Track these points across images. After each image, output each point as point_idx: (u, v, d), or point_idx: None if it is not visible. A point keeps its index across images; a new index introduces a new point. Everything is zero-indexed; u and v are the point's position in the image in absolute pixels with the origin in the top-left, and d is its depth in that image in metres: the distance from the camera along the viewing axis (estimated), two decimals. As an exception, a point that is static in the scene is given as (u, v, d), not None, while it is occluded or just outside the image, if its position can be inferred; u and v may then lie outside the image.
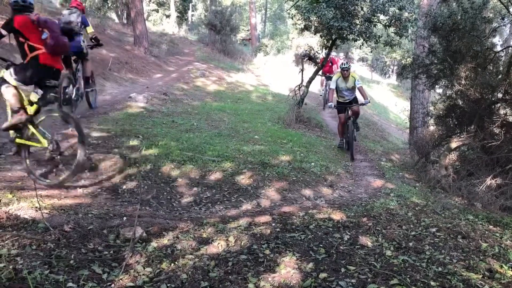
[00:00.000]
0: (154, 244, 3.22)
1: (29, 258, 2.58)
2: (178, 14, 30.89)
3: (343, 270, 2.93)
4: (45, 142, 4.85)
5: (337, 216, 4.34)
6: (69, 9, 7.56)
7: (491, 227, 4.37)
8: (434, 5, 9.51)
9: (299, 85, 12.53)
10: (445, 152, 7.32)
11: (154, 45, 17.02)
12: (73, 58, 7.60)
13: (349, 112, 8.85)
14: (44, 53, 4.92)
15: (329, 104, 9.09)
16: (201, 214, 4.55)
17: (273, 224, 3.97)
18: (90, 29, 7.84)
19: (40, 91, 4.96)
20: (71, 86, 7.13)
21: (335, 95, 9.30)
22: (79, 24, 7.38)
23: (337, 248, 3.34)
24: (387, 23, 10.76)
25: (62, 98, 6.52)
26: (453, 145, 7.21)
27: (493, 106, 6.89)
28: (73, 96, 7.16)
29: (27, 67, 4.91)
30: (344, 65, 8.97)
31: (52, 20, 5.27)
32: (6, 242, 2.73)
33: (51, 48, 4.92)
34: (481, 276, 2.90)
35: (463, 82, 7.06)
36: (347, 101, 9.07)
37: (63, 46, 5.11)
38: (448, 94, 7.86)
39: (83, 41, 7.62)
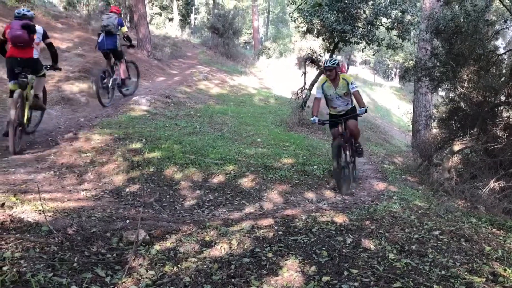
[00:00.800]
0: (157, 247, 3.22)
1: (32, 261, 2.59)
2: (181, 18, 30.95)
3: (346, 273, 2.92)
4: None
5: (340, 219, 4.33)
6: (107, 14, 9.32)
7: (494, 230, 4.36)
8: (436, 8, 9.52)
9: (302, 88, 12.54)
10: (448, 155, 7.31)
11: (157, 49, 17.04)
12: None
13: (343, 129, 6.40)
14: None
15: (312, 119, 6.29)
16: (204, 217, 4.56)
17: (276, 227, 3.97)
18: (124, 29, 9.34)
19: None
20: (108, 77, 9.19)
21: (324, 104, 6.87)
22: (115, 25, 9.00)
23: (340, 251, 3.33)
24: (390, 26, 10.78)
25: (100, 86, 8.85)
26: (456, 148, 7.21)
27: (496, 109, 6.89)
28: (109, 85, 9.22)
29: None
30: (328, 62, 6.29)
31: None
32: (10, 245, 2.73)
33: None
34: (484, 279, 2.89)
35: (465, 85, 7.06)
36: (341, 112, 6.49)
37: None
38: (450, 97, 7.86)
39: (118, 40, 9.16)
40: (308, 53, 13.32)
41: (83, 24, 15.41)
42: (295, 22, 12.86)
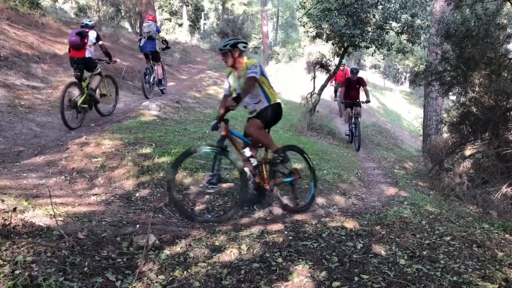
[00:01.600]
0: (167, 251, 3.22)
1: (44, 265, 2.60)
2: (191, 23, 31.17)
3: (356, 279, 2.90)
4: None
5: (350, 224, 4.31)
6: (147, 22, 11.07)
7: (507, 235, 4.30)
8: (447, 11, 9.47)
9: (311, 92, 12.54)
10: (459, 160, 7.25)
11: (166, 54, 17.13)
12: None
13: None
14: None
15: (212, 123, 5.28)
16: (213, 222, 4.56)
17: (286, 232, 3.96)
18: (161, 34, 11.19)
19: None
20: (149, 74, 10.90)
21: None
22: (155, 31, 10.77)
23: (350, 257, 3.31)
24: (400, 30, 10.75)
25: (144, 81, 10.52)
26: (467, 152, 7.14)
27: (508, 113, 6.82)
28: (150, 81, 11.04)
29: None
30: (221, 45, 5.11)
31: None
32: (22, 249, 2.75)
33: None
34: (497, 286, 2.85)
35: (477, 89, 7.01)
36: (253, 114, 5.29)
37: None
38: (461, 101, 7.79)
39: (157, 44, 10.99)
40: (318, 58, 13.35)
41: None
42: (304, 27, 12.88)
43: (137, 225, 3.82)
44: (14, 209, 3.47)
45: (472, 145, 7.23)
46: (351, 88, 11.08)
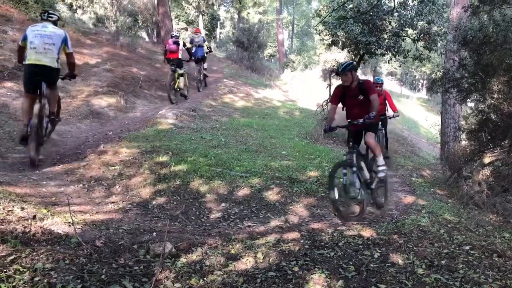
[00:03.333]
0: (183, 259, 3.24)
1: (62, 273, 2.64)
2: (207, 32, 31.43)
3: (373, 288, 2.88)
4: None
5: (367, 233, 4.27)
6: (196, 34, 14.60)
7: (528, 245, 4.21)
8: (464, 18, 9.37)
9: (327, 100, 12.50)
10: (478, 168, 7.14)
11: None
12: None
13: None
14: None
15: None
16: (229, 230, 4.56)
17: (302, 241, 3.94)
18: (206, 43, 14.39)
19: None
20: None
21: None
22: (203, 41, 14.09)
23: (367, 266, 3.28)
24: (416, 37, 10.69)
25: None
26: (486, 160, 7.03)
27: (528, 120, 6.71)
28: (200, 78, 14.72)
29: None
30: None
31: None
32: (41, 256, 2.80)
33: None
34: (518, 296, 2.79)
35: (495, 96, 6.91)
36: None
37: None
38: (480, 108, 7.69)
39: (204, 51, 14.11)
40: (333, 65, 13.32)
41: (111, 40, 15.80)
42: (319, 35, 12.90)
43: (154, 233, 3.84)
44: (34, 217, 3.53)
45: (491, 152, 7.11)
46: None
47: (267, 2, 34.87)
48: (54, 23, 6.35)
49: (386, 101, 9.35)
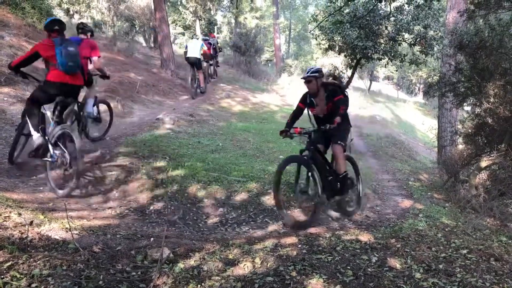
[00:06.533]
0: (181, 265, 3.23)
1: (60, 279, 2.63)
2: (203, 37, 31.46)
3: (371, 293, 2.88)
4: None
5: (365, 237, 4.28)
6: (212, 38, 17.49)
7: (525, 249, 4.22)
8: (459, 22, 9.43)
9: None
10: (475, 172, 7.16)
11: (180, 68, 17.29)
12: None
13: None
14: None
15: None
16: (227, 235, 4.56)
17: (299, 246, 3.94)
18: (218, 45, 17.73)
19: None
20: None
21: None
22: (216, 44, 16.97)
23: (365, 270, 3.28)
24: (412, 42, 10.73)
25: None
26: (483, 164, 7.05)
27: (524, 124, 6.73)
28: (212, 74, 17.09)
29: None
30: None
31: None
32: (38, 262, 2.79)
33: None
34: (516, 300, 2.80)
35: (492, 100, 6.94)
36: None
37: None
38: (476, 112, 7.71)
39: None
40: (330, 70, 13.35)
41: (108, 45, 15.81)
42: (316, 39, 12.91)
43: (151, 238, 3.84)
44: (31, 223, 3.52)
45: (488, 156, 7.14)
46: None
47: (264, 7, 34.95)
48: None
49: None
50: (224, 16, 37.14)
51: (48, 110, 5.68)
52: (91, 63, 7.02)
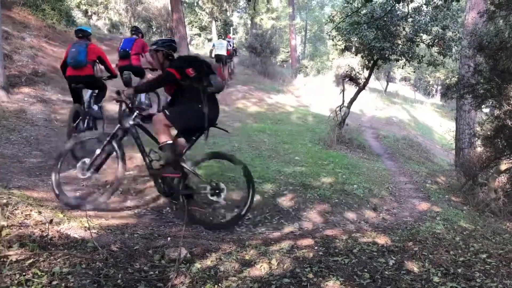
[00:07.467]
0: (197, 265, 3.25)
1: (79, 277, 2.67)
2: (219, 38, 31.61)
3: (388, 296, 2.86)
4: None
5: (382, 240, 4.24)
6: (228, 39, 18.57)
7: (546, 254, 4.14)
8: (479, 23, 9.29)
9: (340, 105, 12.48)
10: (494, 175, 7.06)
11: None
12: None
13: None
14: None
15: None
16: (243, 236, 4.57)
17: (316, 248, 3.93)
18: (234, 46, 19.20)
19: None
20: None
21: None
22: (232, 43, 17.79)
23: (382, 273, 3.26)
24: (430, 43, 10.61)
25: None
26: (503, 167, 6.95)
27: (545, 127, 6.62)
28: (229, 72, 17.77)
29: None
30: None
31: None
32: (58, 260, 2.83)
33: None
34: (537, 306, 2.75)
35: (512, 102, 6.84)
36: None
37: None
38: (496, 114, 7.60)
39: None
40: (347, 71, 13.28)
41: (126, 46, 15.95)
42: (333, 40, 12.88)
43: (169, 238, 3.87)
44: (51, 221, 3.57)
45: (507, 159, 7.03)
46: None
47: (280, 8, 34.97)
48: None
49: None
50: (240, 17, 37.31)
51: None
52: (143, 57, 8.43)
